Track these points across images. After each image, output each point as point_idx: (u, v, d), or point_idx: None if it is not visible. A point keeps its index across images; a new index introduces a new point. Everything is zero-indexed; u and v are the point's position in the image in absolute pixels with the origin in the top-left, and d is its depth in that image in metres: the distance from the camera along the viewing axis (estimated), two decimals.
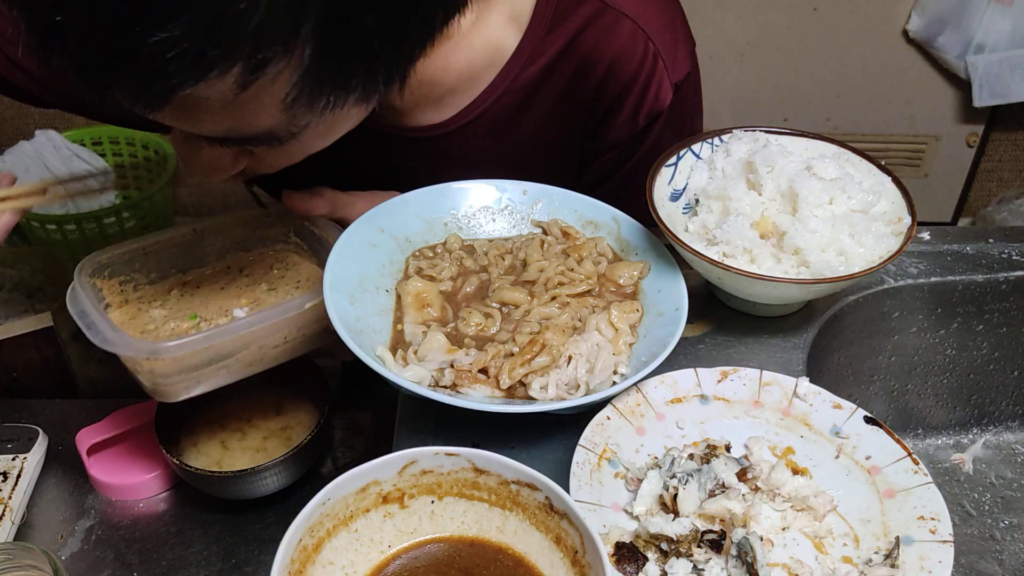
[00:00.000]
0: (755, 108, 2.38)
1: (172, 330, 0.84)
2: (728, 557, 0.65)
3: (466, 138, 0.95)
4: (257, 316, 0.77)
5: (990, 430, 1.03)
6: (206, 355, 0.76)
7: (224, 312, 0.86)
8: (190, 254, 0.91)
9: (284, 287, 0.90)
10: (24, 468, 0.89)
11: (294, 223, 0.93)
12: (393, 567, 0.63)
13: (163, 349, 0.73)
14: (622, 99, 0.93)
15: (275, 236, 0.94)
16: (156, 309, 0.87)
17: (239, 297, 0.89)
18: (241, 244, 0.93)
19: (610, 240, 0.90)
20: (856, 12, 2.22)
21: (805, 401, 0.77)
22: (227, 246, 0.92)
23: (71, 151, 2.26)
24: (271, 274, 0.92)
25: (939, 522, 0.67)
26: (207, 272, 0.91)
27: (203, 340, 0.74)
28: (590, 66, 0.91)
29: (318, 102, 0.66)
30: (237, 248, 0.93)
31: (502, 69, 0.91)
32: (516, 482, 0.62)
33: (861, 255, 0.80)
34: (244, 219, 0.93)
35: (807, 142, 0.91)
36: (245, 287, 0.90)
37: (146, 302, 0.87)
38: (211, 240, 0.91)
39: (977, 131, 2.41)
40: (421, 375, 0.74)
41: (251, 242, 0.94)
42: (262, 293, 0.89)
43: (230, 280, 0.90)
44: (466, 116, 0.93)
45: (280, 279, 0.91)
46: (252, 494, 0.87)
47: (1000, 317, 0.97)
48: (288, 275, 0.92)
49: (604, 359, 0.75)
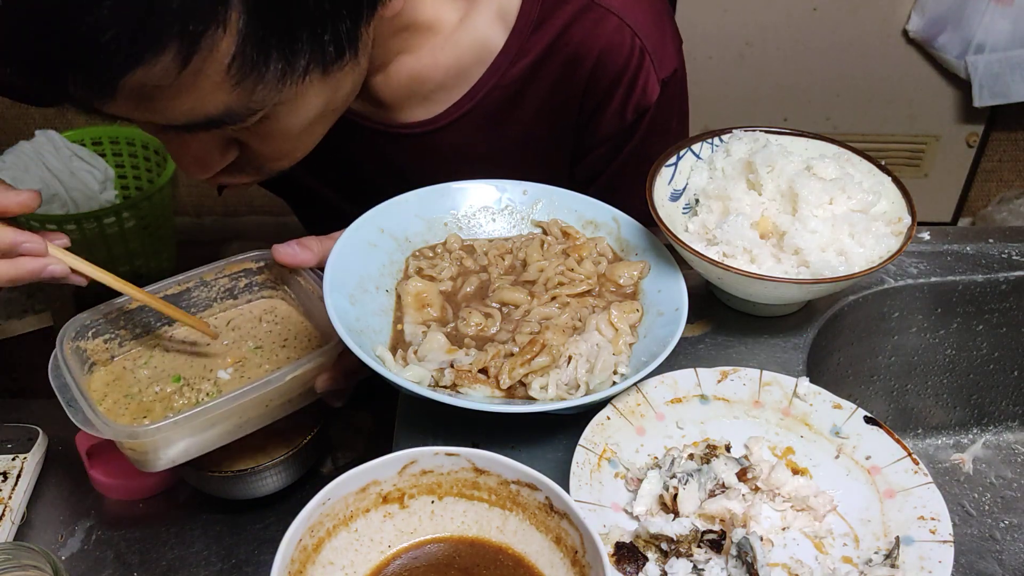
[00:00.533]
0: (755, 108, 2.38)
1: (156, 394, 0.83)
2: (728, 557, 0.65)
3: (456, 134, 0.96)
4: (234, 394, 0.76)
5: (990, 430, 1.03)
6: (185, 431, 0.76)
7: (208, 373, 0.86)
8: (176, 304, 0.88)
9: (271, 344, 0.89)
10: (24, 468, 0.89)
11: (282, 272, 0.91)
12: (393, 567, 0.63)
13: (141, 433, 0.74)
14: (610, 94, 0.94)
15: (263, 283, 0.93)
16: (141, 369, 0.86)
17: (225, 355, 0.88)
18: (229, 292, 0.92)
19: (610, 240, 0.90)
20: (856, 12, 2.22)
21: (805, 401, 0.77)
22: (214, 296, 0.91)
23: (71, 151, 2.26)
24: (259, 328, 0.91)
25: (939, 522, 0.67)
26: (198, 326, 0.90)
27: (182, 421, 0.74)
28: (577, 62, 0.92)
29: (265, 70, 0.66)
30: (225, 297, 0.92)
31: (490, 66, 0.92)
32: (516, 482, 0.62)
33: (861, 255, 0.80)
34: (231, 268, 0.91)
35: (807, 142, 0.91)
36: (232, 343, 0.89)
37: (131, 359, 0.87)
38: (198, 291, 0.90)
39: (977, 131, 2.41)
40: (421, 375, 0.74)
41: (238, 290, 0.92)
42: (248, 352, 0.88)
43: (216, 334, 0.89)
44: (455, 112, 0.94)
45: (267, 334, 0.90)
46: (252, 494, 0.87)
47: (1000, 317, 0.97)
48: (276, 330, 0.91)
49: (604, 359, 0.75)
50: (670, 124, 1.00)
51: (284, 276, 0.91)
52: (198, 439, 0.78)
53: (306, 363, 0.79)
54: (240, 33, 0.63)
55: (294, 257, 0.85)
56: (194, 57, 0.61)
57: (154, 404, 0.82)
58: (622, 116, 0.95)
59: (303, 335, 0.90)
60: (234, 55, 0.64)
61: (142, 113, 0.68)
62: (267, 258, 0.89)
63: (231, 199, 2.64)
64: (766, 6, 2.23)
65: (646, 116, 0.96)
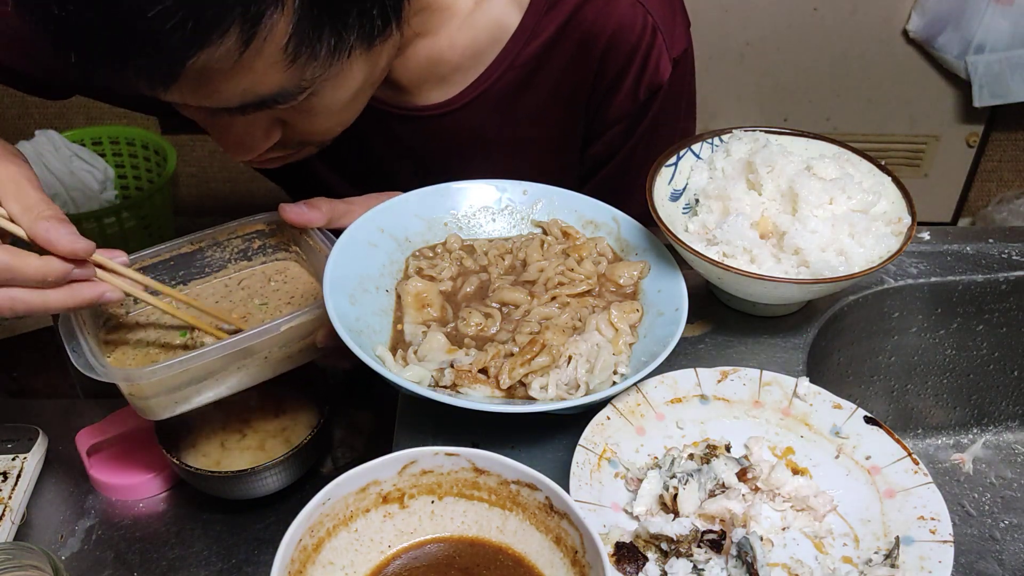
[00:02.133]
0: (755, 108, 2.39)
1: (162, 347, 0.85)
2: (728, 557, 0.65)
3: (471, 116, 0.96)
4: (229, 341, 0.77)
5: (990, 430, 1.03)
6: (183, 378, 0.77)
7: (215, 328, 0.86)
8: (190, 266, 0.91)
9: (276, 302, 0.90)
10: (24, 468, 0.89)
11: (293, 233, 0.93)
12: (393, 567, 0.63)
13: (137, 375, 0.74)
14: (623, 73, 0.94)
15: (276, 245, 0.95)
16: (151, 326, 0.87)
17: (231, 312, 0.89)
18: (243, 254, 0.94)
19: (610, 240, 0.90)
20: (856, 12, 2.22)
21: (805, 401, 0.77)
22: (228, 257, 0.93)
23: (71, 151, 2.26)
24: (267, 287, 0.92)
25: (939, 522, 0.67)
26: (207, 285, 0.92)
27: (177, 365, 0.75)
28: (591, 40, 0.92)
29: (319, 47, 0.68)
30: (239, 258, 0.94)
31: (505, 46, 0.93)
32: (516, 482, 0.62)
33: (861, 255, 0.80)
34: (244, 229, 0.93)
35: (807, 142, 0.91)
36: (239, 301, 0.90)
37: (144, 315, 0.88)
38: (212, 251, 0.92)
39: (977, 131, 2.41)
40: (421, 375, 0.74)
41: (252, 252, 0.94)
42: (254, 308, 0.89)
43: (227, 293, 0.91)
44: (471, 93, 0.95)
45: (275, 292, 0.91)
46: (252, 494, 0.87)
47: (1000, 317, 0.97)
48: (284, 288, 0.92)
49: (604, 359, 0.75)
50: (680, 104, 1.00)
51: (295, 237, 0.93)
52: (198, 388, 0.79)
53: (305, 314, 0.79)
54: (296, 12, 0.65)
55: (301, 216, 0.87)
56: (254, 38, 0.63)
57: (159, 356, 0.83)
58: (635, 95, 0.96)
59: (310, 293, 0.90)
60: (290, 34, 0.66)
61: (199, 97, 0.69)
62: (279, 219, 0.90)
63: (231, 200, 2.64)
64: (766, 6, 2.23)
65: (658, 95, 0.96)
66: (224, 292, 0.91)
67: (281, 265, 0.94)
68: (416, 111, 0.97)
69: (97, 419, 0.92)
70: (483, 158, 0.97)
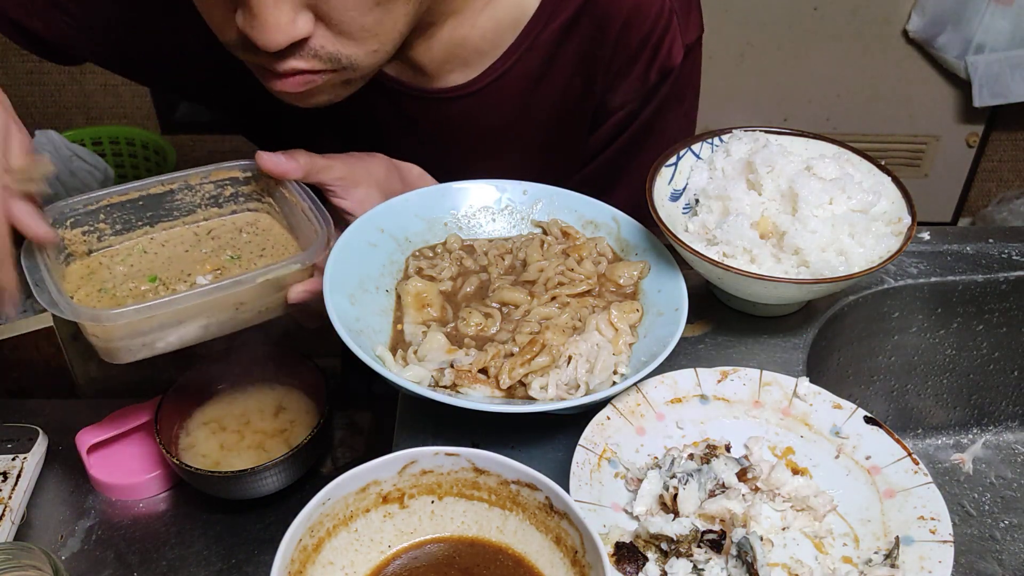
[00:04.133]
0: (755, 108, 2.39)
1: (130, 290, 0.82)
2: (728, 557, 0.65)
3: (490, 99, 0.96)
4: (202, 289, 0.75)
5: (990, 430, 1.03)
6: (152, 323, 0.75)
7: (185, 277, 0.83)
8: (159, 207, 0.87)
9: (248, 255, 0.87)
10: (24, 468, 0.89)
11: (268, 183, 0.89)
12: (393, 567, 0.63)
13: (104, 316, 0.72)
14: (637, 55, 0.95)
15: (249, 194, 0.91)
16: (118, 266, 0.84)
17: (203, 262, 0.86)
18: (214, 200, 0.90)
19: (610, 240, 0.90)
20: (856, 12, 2.23)
21: (805, 401, 0.77)
22: (198, 202, 0.89)
23: (71, 151, 2.26)
24: (239, 239, 0.89)
25: (939, 522, 0.67)
26: (175, 230, 0.88)
27: (145, 310, 0.73)
28: (607, 22, 0.93)
29: None
30: (209, 204, 0.90)
31: (523, 29, 0.93)
32: (516, 482, 0.62)
33: (861, 255, 0.80)
34: (218, 175, 0.89)
35: (807, 142, 0.91)
36: (210, 252, 0.87)
37: (108, 256, 0.85)
38: (183, 195, 0.88)
39: (977, 131, 2.41)
40: (421, 375, 0.74)
41: (223, 199, 0.90)
42: (226, 261, 0.86)
43: (196, 242, 0.88)
44: (491, 75, 0.95)
45: (247, 244, 0.88)
46: (252, 494, 0.87)
47: (1000, 317, 0.97)
48: (256, 240, 0.89)
49: (604, 359, 0.75)
50: (686, 93, 1.01)
51: (270, 188, 0.89)
52: (164, 333, 0.77)
53: (279, 268, 0.78)
54: None
55: (278, 166, 0.84)
56: None
57: (126, 300, 0.81)
58: (645, 78, 0.96)
59: (282, 246, 0.88)
60: None
61: None
62: (255, 168, 0.88)
63: None
64: (766, 6, 2.23)
65: (668, 79, 0.96)
66: (193, 241, 0.88)
67: (252, 216, 0.91)
68: (435, 93, 0.96)
69: (97, 419, 0.92)
70: (499, 143, 0.97)
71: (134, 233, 0.87)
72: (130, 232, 0.87)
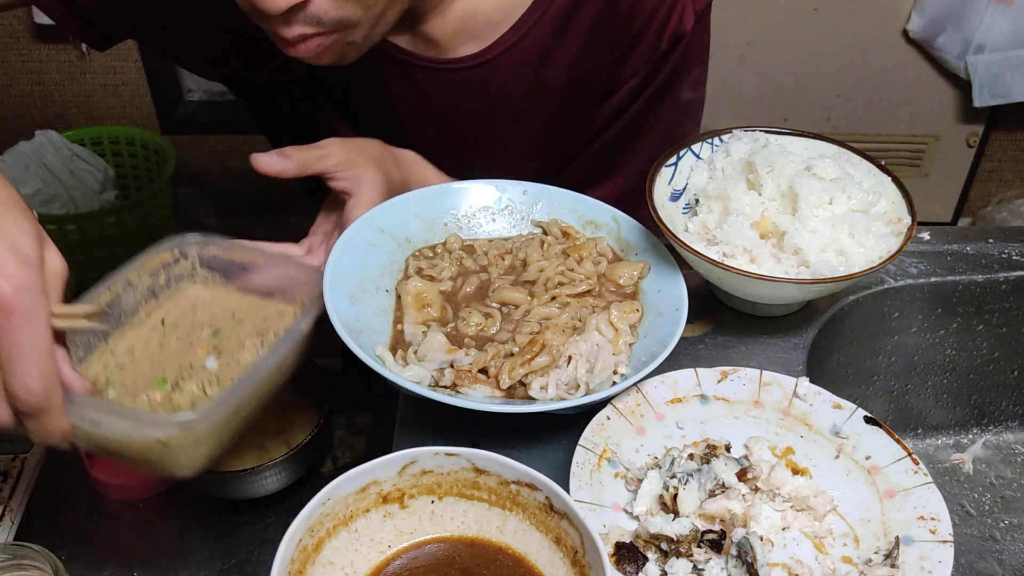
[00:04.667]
0: (755, 108, 2.38)
1: (150, 404, 0.73)
2: (728, 557, 0.65)
3: (501, 69, 0.97)
4: (272, 355, 0.70)
5: (990, 430, 1.03)
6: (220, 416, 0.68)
7: (188, 368, 0.77)
8: (108, 319, 0.77)
9: (227, 323, 0.81)
10: (24, 468, 0.89)
11: (199, 254, 0.83)
12: (393, 567, 0.63)
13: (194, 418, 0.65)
14: (649, 21, 0.95)
15: (180, 273, 0.83)
16: (108, 389, 0.74)
17: (188, 350, 0.78)
18: (151, 292, 0.81)
19: (610, 240, 0.90)
20: (856, 12, 2.22)
21: (805, 401, 0.77)
22: (139, 299, 0.80)
23: (71, 151, 2.26)
24: (201, 315, 0.82)
25: (939, 522, 0.67)
26: (131, 334, 0.79)
27: (229, 397, 0.67)
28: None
29: None
30: (148, 298, 0.81)
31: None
32: (516, 482, 0.62)
33: (861, 255, 0.80)
34: (151, 264, 0.81)
35: (807, 142, 0.91)
36: (185, 337, 0.80)
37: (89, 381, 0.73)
38: (127, 295, 0.79)
39: (977, 131, 2.41)
40: (421, 375, 0.74)
41: (158, 287, 0.82)
42: (209, 338, 0.80)
43: (162, 336, 0.80)
44: (502, 45, 0.95)
45: (214, 317, 0.82)
46: (252, 494, 0.87)
47: (1000, 317, 0.97)
48: (219, 312, 0.82)
49: (604, 359, 0.75)
50: (695, 63, 1.01)
51: (204, 257, 0.84)
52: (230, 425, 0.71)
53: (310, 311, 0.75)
54: None
55: (273, 166, 0.84)
56: None
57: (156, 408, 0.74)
58: (657, 45, 0.97)
59: (251, 305, 0.83)
60: None
61: None
62: (182, 245, 0.82)
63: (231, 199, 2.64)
64: (766, 6, 2.23)
65: (679, 46, 0.97)
66: (158, 336, 0.80)
67: (192, 293, 0.83)
68: (446, 64, 0.96)
69: None
70: (509, 116, 0.97)
71: (95, 353, 0.76)
72: (91, 354, 0.76)
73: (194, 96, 2.56)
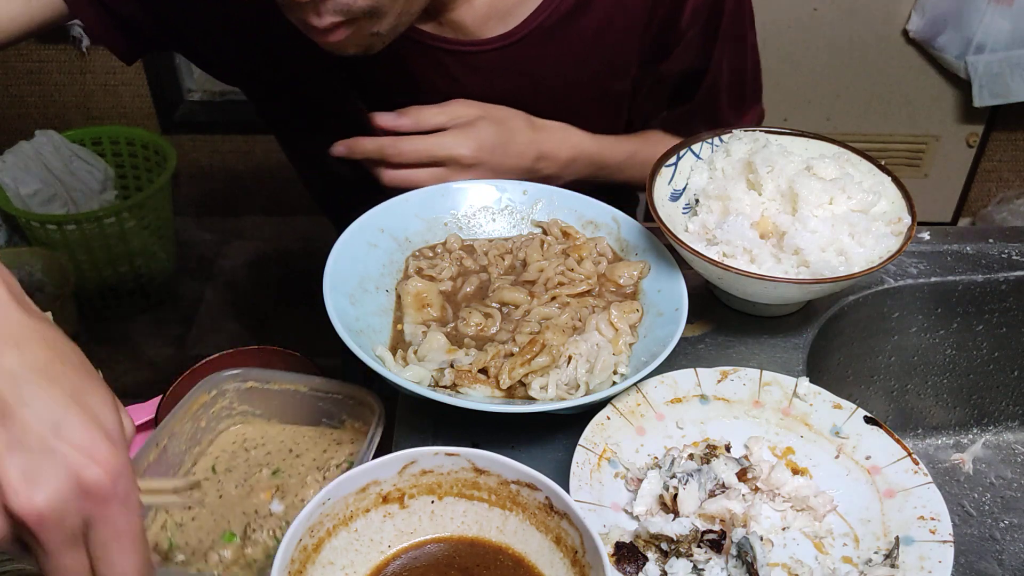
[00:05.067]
0: None
1: (222, 561, 0.70)
2: (728, 557, 0.65)
3: (530, 47, 0.98)
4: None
5: (990, 430, 1.03)
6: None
7: (254, 515, 0.73)
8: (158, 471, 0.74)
9: (282, 459, 0.79)
10: None
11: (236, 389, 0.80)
12: (393, 567, 0.63)
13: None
14: None
15: (220, 413, 0.81)
16: (177, 553, 0.71)
17: (250, 495, 0.75)
18: (194, 438, 0.78)
19: (610, 240, 0.90)
20: (856, 12, 2.22)
21: (805, 401, 0.77)
22: (183, 448, 0.78)
23: (71, 151, 2.26)
24: (253, 455, 0.79)
25: (939, 522, 0.67)
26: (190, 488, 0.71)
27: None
28: None
29: None
30: (192, 446, 0.78)
31: None
32: (516, 482, 0.62)
33: (861, 255, 0.80)
34: (184, 413, 0.78)
35: (807, 142, 0.91)
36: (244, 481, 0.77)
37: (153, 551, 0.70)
38: (172, 446, 0.76)
39: (977, 131, 2.41)
40: (421, 375, 0.74)
41: (200, 432, 0.79)
42: (270, 479, 0.77)
43: (216, 483, 0.77)
44: (529, 25, 0.96)
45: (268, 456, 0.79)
46: None
47: (1000, 317, 0.97)
48: (273, 448, 0.80)
49: (604, 359, 0.75)
50: (745, 6, 1.08)
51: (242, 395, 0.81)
52: None
53: (370, 438, 0.73)
54: None
55: (392, 120, 0.92)
56: None
57: (232, 569, 0.70)
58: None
59: (304, 436, 0.81)
60: None
61: None
62: (218, 383, 0.79)
63: (231, 199, 2.64)
64: (766, 6, 2.22)
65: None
66: (216, 488, 0.76)
67: (234, 433, 0.81)
68: (474, 45, 0.98)
69: None
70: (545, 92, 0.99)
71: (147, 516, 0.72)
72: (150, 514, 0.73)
73: (194, 96, 2.56)
